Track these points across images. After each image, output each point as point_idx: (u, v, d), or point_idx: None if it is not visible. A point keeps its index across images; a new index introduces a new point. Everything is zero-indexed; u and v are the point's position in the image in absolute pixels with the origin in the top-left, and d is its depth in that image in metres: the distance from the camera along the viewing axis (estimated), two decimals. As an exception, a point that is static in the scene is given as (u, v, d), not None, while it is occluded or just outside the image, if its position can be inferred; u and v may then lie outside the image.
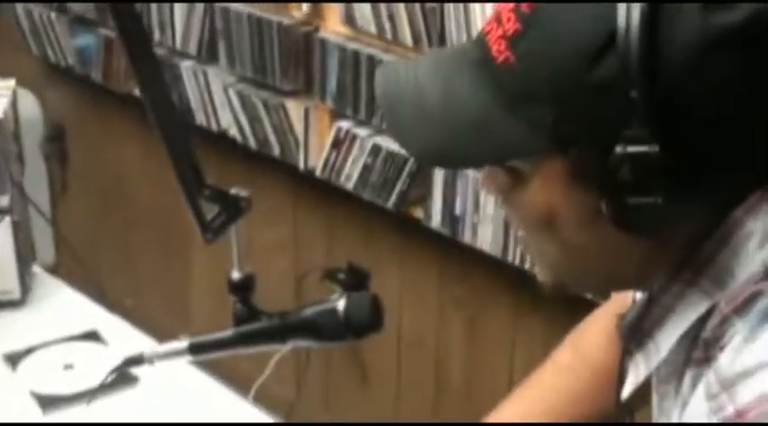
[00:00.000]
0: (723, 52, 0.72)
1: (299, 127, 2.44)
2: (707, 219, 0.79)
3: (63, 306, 1.77)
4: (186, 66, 2.65)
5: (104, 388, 1.41)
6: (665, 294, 0.81)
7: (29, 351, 1.61)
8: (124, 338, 1.67)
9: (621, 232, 0.77)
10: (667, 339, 0.81)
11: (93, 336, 1.66)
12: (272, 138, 2.52)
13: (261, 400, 2.60)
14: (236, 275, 1.08)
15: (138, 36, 1.00)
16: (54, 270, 3.12)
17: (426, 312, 2.49)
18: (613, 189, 0.75)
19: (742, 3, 0.72)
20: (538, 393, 1.18)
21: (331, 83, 2.33)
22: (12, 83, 1.74)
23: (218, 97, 2.61)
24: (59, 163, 3.42)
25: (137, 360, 1.12)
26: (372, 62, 2.23)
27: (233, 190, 1.06)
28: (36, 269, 1.84)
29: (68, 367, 1.59)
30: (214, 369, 2.54)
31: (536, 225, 0.83)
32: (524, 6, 0.78)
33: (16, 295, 1.72)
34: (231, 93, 2.56)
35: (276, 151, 2.53)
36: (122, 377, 1.48)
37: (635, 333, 0.83)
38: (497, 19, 0.80)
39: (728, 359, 0.74)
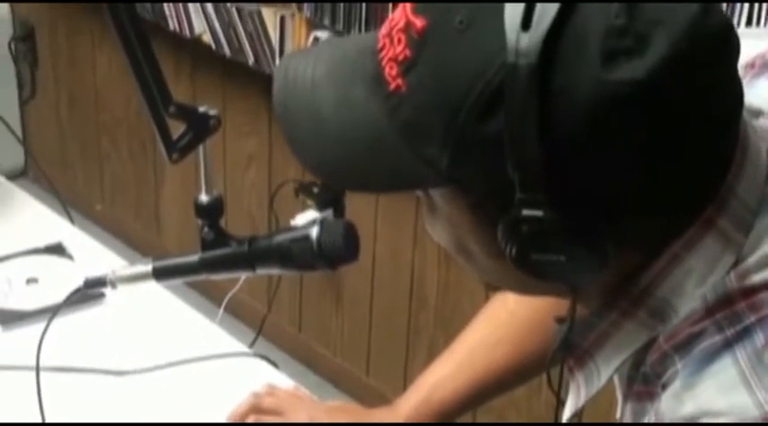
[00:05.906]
0: (623, 108, 0.65)
1: (274, 35, 2.37)
2: (636, 257, 0.74)
3: (27, 217, 1.71)
4: (159, -32, 2.56)
5: (68, 304, 1.37)
6: (600, 319, 0.78)
7: (-11, 264, 1.55)
8: (90, 252, 1.62)
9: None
10: (607, 366, 0.78)
11: (57, 249, 1.60)
12: (247, 46, 2.45)
13: (233, 312, 2.58)
14: (203, 198, 1.03)
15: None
16: (22, 176, 3.07)
17: (402, 232, 2.46)
18: (514, 241, 0.70)
19: (650, 48, 0.64)
20: (504, 318, 1.18)
21: (309, -10, 2.25)
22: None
23: (191, 2, 2.52)
24: (29, 65, 3.32)
25: (98, 282, 1.09)
26: (353, -30, 2.15)
27: (201, 108, 0.99)
28: (-2, 177, 1.78)
29: (31, 280, 1.54)
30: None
31: (451, 248, 0.80)
32: (414, 29, 0.70)
33: (-25, 205, 1.67)
34: (205, -3, 2.47)
35: (251, 59, 2.45)
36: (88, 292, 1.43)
37: (573, 349, 0.80)
38: (389, 35, 0.72)
39: (670, 407, 0.72)
